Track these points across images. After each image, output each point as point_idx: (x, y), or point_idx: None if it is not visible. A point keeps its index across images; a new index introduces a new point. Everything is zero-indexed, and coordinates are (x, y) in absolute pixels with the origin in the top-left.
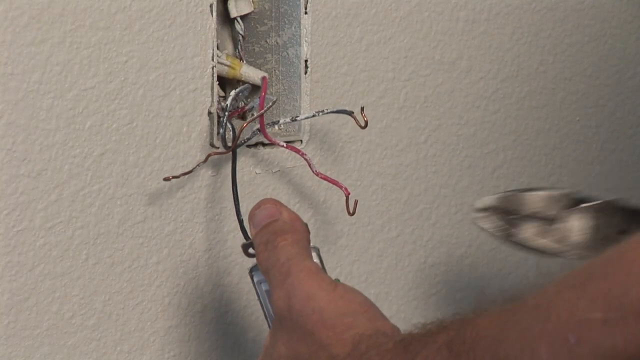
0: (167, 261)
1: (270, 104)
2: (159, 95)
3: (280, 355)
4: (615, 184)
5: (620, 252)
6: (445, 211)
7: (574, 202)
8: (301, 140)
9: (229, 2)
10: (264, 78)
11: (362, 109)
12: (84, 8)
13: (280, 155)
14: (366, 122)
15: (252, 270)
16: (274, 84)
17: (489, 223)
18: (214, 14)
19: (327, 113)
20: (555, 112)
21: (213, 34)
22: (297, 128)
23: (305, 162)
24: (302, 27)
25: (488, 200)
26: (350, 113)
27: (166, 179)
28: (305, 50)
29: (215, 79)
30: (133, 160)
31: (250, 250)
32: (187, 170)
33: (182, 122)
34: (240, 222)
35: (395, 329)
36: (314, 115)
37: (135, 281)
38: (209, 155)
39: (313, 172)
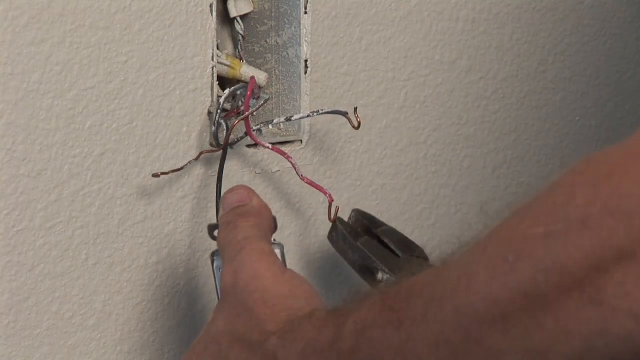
0: (167, 261)
1: (263, 102)
2: (159, 95)
3: (217, 330)
4: None
5: (568, 169)
6: (445, 211)
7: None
8: (301, 140)
9: (228, 2)
10: (251, 78)
11: (356, 109)
12: (84, 8)
13: (280, 155)
14: (359, 123)
15: (213, 255)
16: (274, 84)
17: (346, 228)
18: (214, 14)
19: (322, 114)
20: (555, 112)
21: (213, 34)
22: (297, 128)
23: (304, 164)
24: (302, 27)
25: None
26: (345, 114)
27: (155, 176)
28: (305, 50)
29: (215, 79)
30: (133, 160)
31: (215, 233)
32: (177, 167)
33: (182, 122)
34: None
35: None
36: (308, 116)
37: (135, 281)
38: (201, 153)
39: (299, 176)
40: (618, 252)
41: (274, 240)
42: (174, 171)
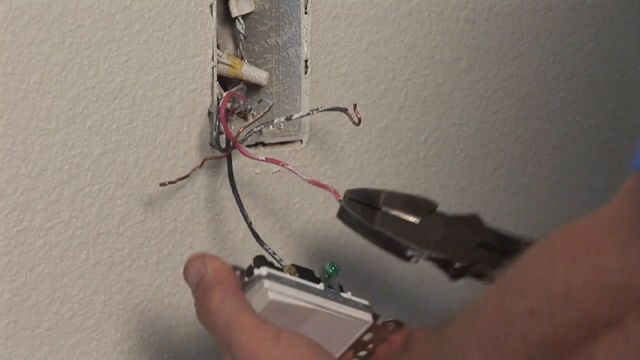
0: (167, 261)
1: (267, 108)
2: (159, 95)
3: None
4: (615, 184)
5: (545, 242)
6: (445, 211)
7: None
8: (301, 140)
9: (230, 1)
10: (226, 94)
11: (355, 105)
12: (84, 8)
13: (280, 155)
14: (359, 119)
15: None
16: (274, 84)
17: (356, 209)
18: (214, 13)
19: (322, 111)
20: (555, 112)
21: (213, 33)
22: (297, 128)
23: (304, 164)
24: (302, 27)
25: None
26: (345, 110)
27: (162, 185)
28: (305, 50)
29: (216, 78)
30: (133, 160)
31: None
32: (183, 175)
33: (182, 122)
34: (249, 224)
35: None
36: (308, 114)
37: (135, 281)
38: (204, 160)
39: (302, 178)
40: (604, 321)
41: (256, 273)
42: (180, 179)
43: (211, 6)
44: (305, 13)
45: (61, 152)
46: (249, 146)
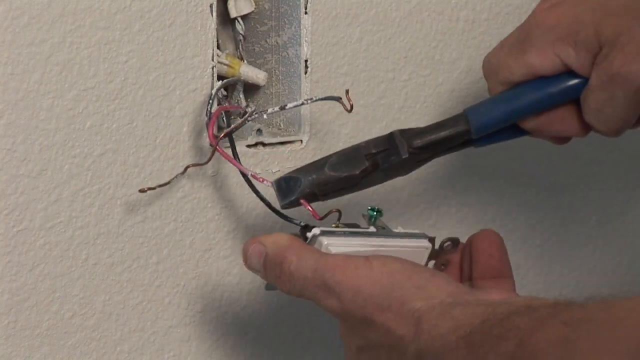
0: (167, 261)
1: (254, 114)
2: (159, 95)
3: (358, 347)
4: (614, 184)
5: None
6: (445, 211)
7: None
8: (301, 141)
9: (229, 2)
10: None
11: (347, 91)
12: (84, 8)
13: (280, 155)
14: (351, 106)
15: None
16: (274, 84)
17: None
18: (214, 14)
19: (316, 100)
20: None
21: (213, 34)
22: (297, 128)
23: (303, 164)
24: (302, 27)
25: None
26: (338, 99)
27: (142, 191)
28: (305, 50)
29: (216, 78)
30: (133, 160)
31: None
32: (163, 182)
33: (182, 122)
34: (263, 200)
35: (444, 293)
36: (302, 103)
37: (135, 281)
38: (187, 167)
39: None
40: None
41: (310, 234)
42: (160, 186)
43: (211, 6)
44: (305, 13)
45: (61, 152)
46: (248, 146)
